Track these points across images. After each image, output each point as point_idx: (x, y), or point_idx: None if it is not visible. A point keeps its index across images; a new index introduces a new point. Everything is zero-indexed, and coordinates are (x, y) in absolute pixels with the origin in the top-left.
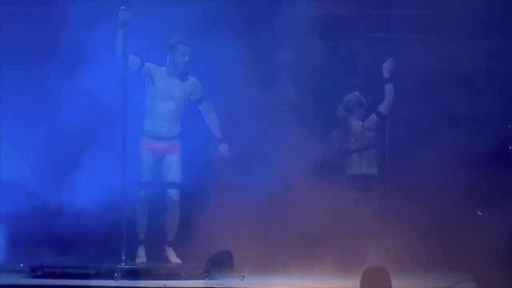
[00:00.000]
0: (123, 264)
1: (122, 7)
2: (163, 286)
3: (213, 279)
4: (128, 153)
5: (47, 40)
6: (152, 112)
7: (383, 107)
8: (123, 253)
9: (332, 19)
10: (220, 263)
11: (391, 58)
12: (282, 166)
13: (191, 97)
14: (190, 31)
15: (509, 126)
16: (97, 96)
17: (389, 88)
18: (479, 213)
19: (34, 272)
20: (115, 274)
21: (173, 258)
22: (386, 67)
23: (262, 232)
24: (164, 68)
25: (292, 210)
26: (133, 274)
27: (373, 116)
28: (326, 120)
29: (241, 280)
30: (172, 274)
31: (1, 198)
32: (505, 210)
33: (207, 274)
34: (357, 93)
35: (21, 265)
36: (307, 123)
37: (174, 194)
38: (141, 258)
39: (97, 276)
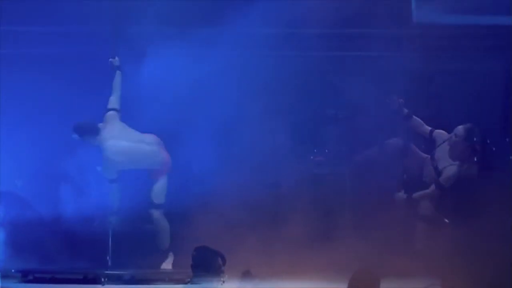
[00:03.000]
0: (109, 270)
1: (110, 59)
2: None
3: (196, 283)
4: None
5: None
6: None
7: None
8: (108, 259)
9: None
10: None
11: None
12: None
13: None
14: None
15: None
16: (84, 107)
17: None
18: (446, 220)
19: (25, 277)
20: (102, 279)
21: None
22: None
23: None
24: None
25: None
26: (118, 279)
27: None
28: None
29: (222, 284)
30: (155, 280)
31: None
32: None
33: (189, 280)
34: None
35: (13, 270)
36: None
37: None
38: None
39: (85, 281)
